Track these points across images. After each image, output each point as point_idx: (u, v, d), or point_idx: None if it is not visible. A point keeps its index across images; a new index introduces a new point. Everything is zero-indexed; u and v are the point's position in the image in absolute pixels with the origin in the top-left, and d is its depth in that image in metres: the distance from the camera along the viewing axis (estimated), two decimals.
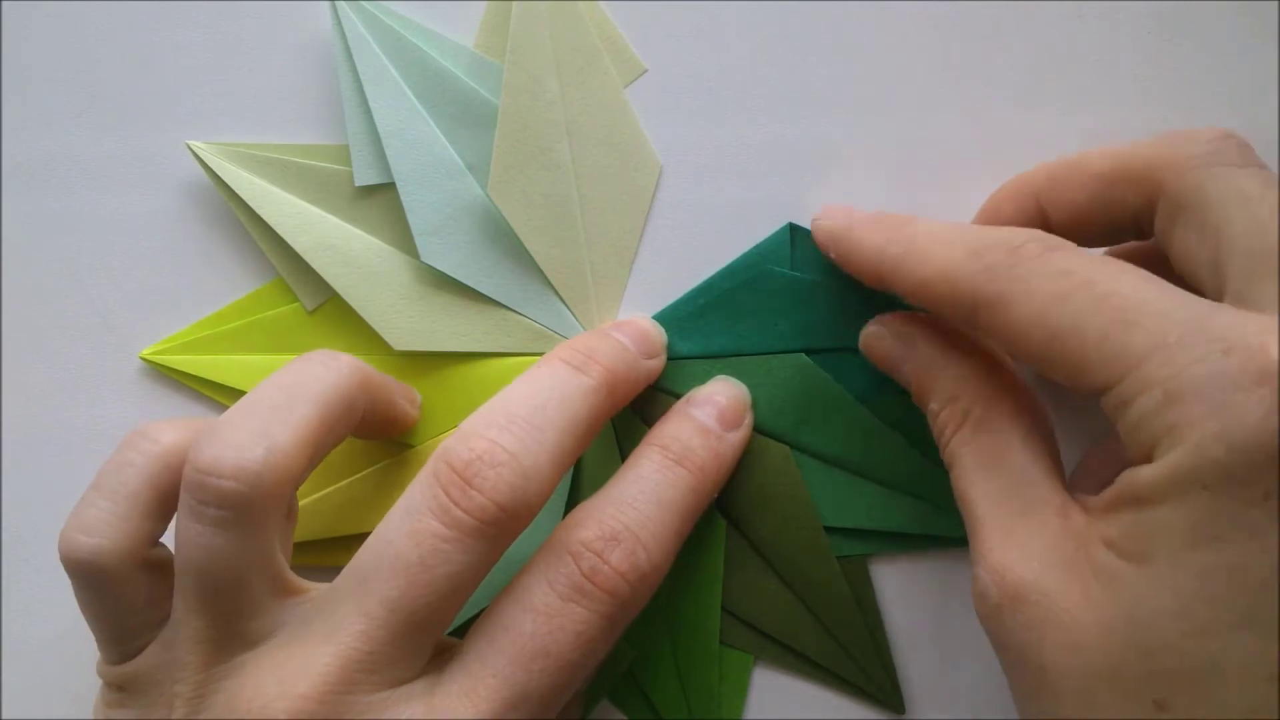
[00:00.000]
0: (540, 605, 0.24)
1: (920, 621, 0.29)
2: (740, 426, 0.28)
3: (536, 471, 0.24)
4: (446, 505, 0.23)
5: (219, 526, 0.23)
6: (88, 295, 0.31)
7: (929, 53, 0.30)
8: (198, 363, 0.31)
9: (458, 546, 0.23)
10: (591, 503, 0.26)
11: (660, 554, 0.25)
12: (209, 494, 0.23)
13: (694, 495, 0.27)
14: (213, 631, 0.24)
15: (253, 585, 0.24)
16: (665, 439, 0.27)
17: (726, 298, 0.29)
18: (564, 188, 0.30)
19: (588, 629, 0.24)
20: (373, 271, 0.30)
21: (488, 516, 0.23)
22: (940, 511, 0.29)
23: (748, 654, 0.30)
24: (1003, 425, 0.24)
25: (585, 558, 0.24)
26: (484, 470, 0.24)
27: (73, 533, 0.24)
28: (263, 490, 0.23)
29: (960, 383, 0.25)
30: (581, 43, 0.30)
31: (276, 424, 0.24)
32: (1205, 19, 0.29)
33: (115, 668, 0.26)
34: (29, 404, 0.32)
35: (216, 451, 0.23)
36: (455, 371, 0.30)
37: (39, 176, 0.32)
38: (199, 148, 0.30)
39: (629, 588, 0.25)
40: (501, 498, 0.23)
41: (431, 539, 0.23)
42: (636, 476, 0.26)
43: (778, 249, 0.29)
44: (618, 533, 0.25)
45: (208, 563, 0.24)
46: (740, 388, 0.29)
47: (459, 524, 0.23)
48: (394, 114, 0.30)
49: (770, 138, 0.30)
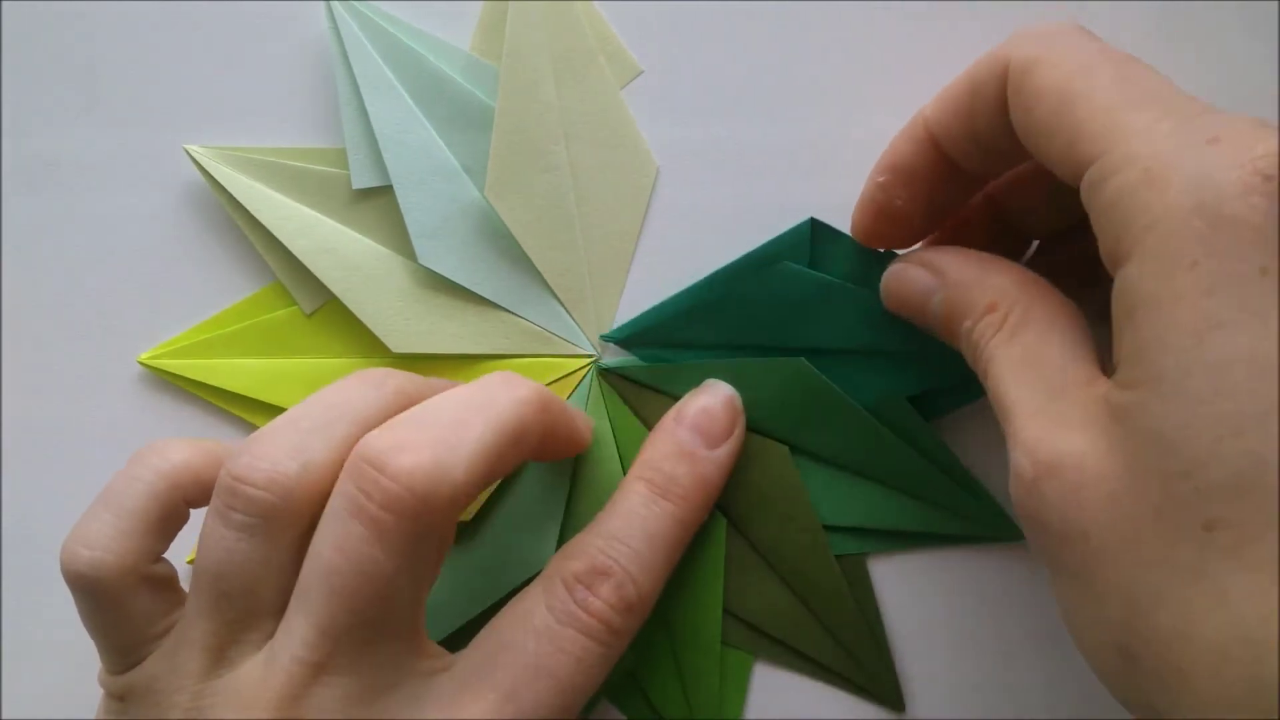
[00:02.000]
0: (542, 627, 0.25)
1: (920, 620, 0.29)
2: (729, 438, 0.29)
3: (454, 461, 0.23)
4: (362, 502, 0.23)
5: (244, 532, 0.24)
6: (87, 297, 0.32)
7: (928, 52, 0.30)
8: (196, 367, 0.31)
9: (381, 548, 0.22)
10: (584, 536, 0.27)
11: (649, 585, 0.26)
12: (238, 500, 0.23)
13: (680, 525, 0.27)
14: (217, 639, 0.24)
15: (263, 596, 0.24)
16: (650, 470, 0.28)
17: (741, 289, 0.29)
18: (561, 189, 0.30)
19: (587, 655, 0.25)
20: (371, 274, 0.30)
21: (401, 507, 0.22)
22: (939, 510, 0.29)
23: (748, 653, 0.30)
24: (1040, 325, 0.23)
25: (577, 590, 0.25)
26: (397, 456, 0.23)
27: (74, 545, 0.25)
28: (291, 502, 0.24)
29: (998, 292, 0.24)
30: (577, 44, 0.30)
31: (317, 440, 0.24)
32: (1205, 19, 0.29)
33: (116, 677, 0.26)
34: (29, 405, 0.32)
35: (253, 461, 0.24)
36: (453, 373, 0.30)
37: (39, 177, 0.32)
38: (197, 152, 0.30)
39: (619, 618, 0.25)
40: (415, 481, 0.23)
41: (356, 543, 0.23)
42: (626, 510, 0.27)
43: (798, 243, 0.29)
44: (607, 567, 0.26)
45: (224, 564, 0.24)
46: (728, 393, 0.29)
47: (376, 522, 0.23)
48: (391, 117, 0.30)
49: (767, 139, 0.30)
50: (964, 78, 0.24)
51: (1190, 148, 0.19)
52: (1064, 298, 0.24)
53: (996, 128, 0.24)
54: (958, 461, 0.29)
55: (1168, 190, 0.19)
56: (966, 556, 0.29)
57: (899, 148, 0.26)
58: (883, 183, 0.26)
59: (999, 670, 0.29)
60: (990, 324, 0.24)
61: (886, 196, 0.27)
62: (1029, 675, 0.29)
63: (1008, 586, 0.29)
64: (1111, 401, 0.20)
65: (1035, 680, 0.29)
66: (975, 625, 0.29)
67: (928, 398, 0.29)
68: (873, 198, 0.27)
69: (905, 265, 0.27)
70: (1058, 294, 0.24)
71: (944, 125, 0.25)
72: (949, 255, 0.26)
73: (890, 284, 0.27)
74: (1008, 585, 0.29)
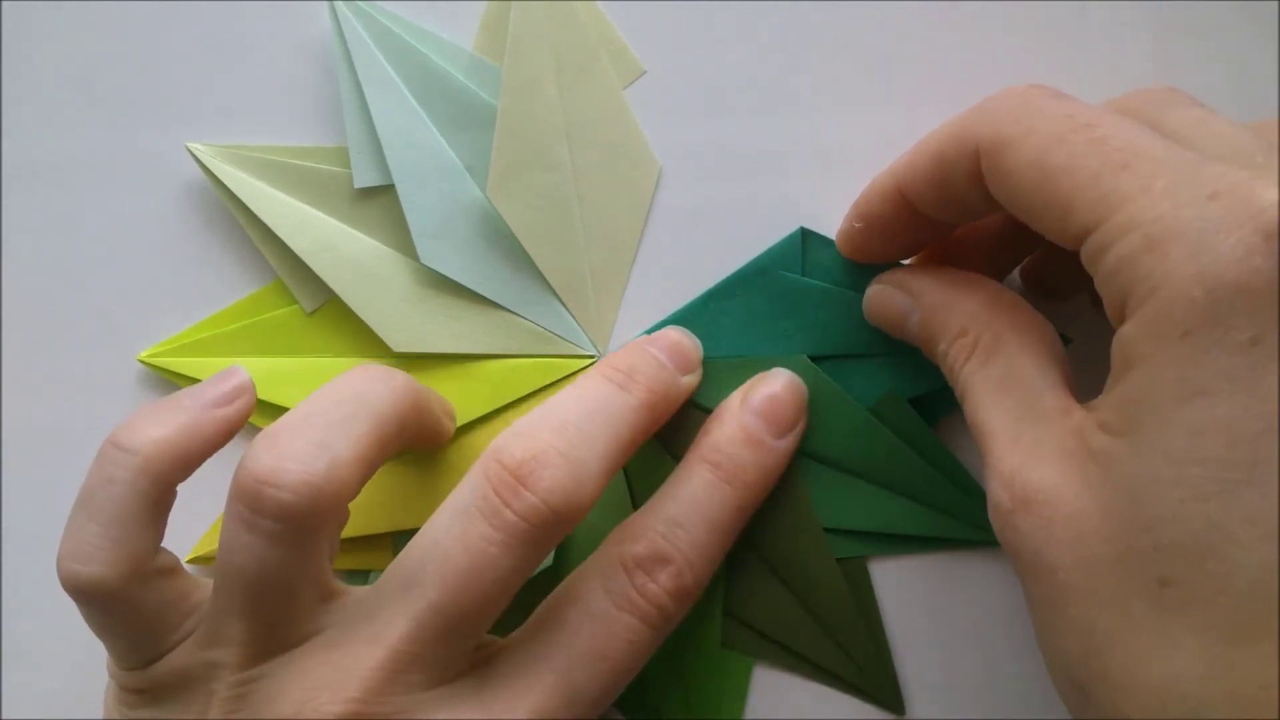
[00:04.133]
0: (598, 611, 0.25)
1: (920, 623, 0.29)
2: (794, 430, 0.28)
3: (589, 477, 0.24)
4: (497, 506, 0.23)
5: (273, 539, 0.23)
6: (87, 296, 0.32)
7: (929, 52, 0.30)
8: (196, 365, 0.31)
9: (505, 551, 0.23)
10: (643, 517, 0.26)
11: (706, 573, 0.26)
12: (265, 505, 0.23)
13: (740, 514, 0.27)
14: (254, 635, 0.24)
15: (301, 595, 0.24)
16: (718, 454, 0.27)
17: (736, 301, 0.29)
18: (563, 189, 0.30)
19: (640, 638, 0.25)
20: (372, 274, 0.30)
21: (538, 519, 0.23)
22: (940, 513, 0.29)
23: (748, 655, 0.30)
24: (1011, 349, 0.23)
25: (637, 575, 0.25)
26: (538, 470, 0.23)
27: (69, 563, 0.24)
28: (322, 505, 0.23)
29: (969, 317, 0.24)
30: (580, 44, 0.30)
31: (339, 438, 0.24)
32: (1205, 19, 0.29)
33: (136, 673, 0.25)
34: (29, 404, 0.32)
35: (275, 462, 0.23)
36: (455, 373, 0.30)
37: (39, 176, 0.32)
38: (198, 150, 0.30)
39: (674, 605, 0.25)
40: (555, 499, 0.23)
41: (480, 542, 0.23)
42: (689, 495, 0.26)
43: (789, 253, 0.29)
44: (668, 554, 0.25)
45: (258, 573, 0.23)
46: (795, 382, 0.28)
47: (508, 527, 0.23)
48: (393, 116, 0.30)
49: (769, 139, 0.30)
50: (932, 151, 0.24)
51: (1189, 206, 0.19)
52: (1037, 316, 0.24)
53: (973, 194, 0.24)
54: (959, 464, 0.29)
55: (1168, 256, 0.19)
56: (967, 560, 0.29)
57: (871, 201, 0.26)
58: (859, 228, 0.27)
59: (998, 673, 0.29)
60: (962, 348, 0.24)
61: (864, 239, 0.27)
62: (1028, 678, 0.29)
63: (1008, 590, 0.29)
64: (1091, 444, 0.20)
65: (1034, 684, 0.29)
66: (975, 629, 0.29)
67: (928, 400, 0.29)
68: (850, 237, 0.27)
69: (882, 288, 0.27)
70: (1031, 313, 0.24)
71: (916, 191, 0.25)
72: (924, 277, 0.26)
73: (870, 304, 0.28)
74: (1008, 589, 0.29)
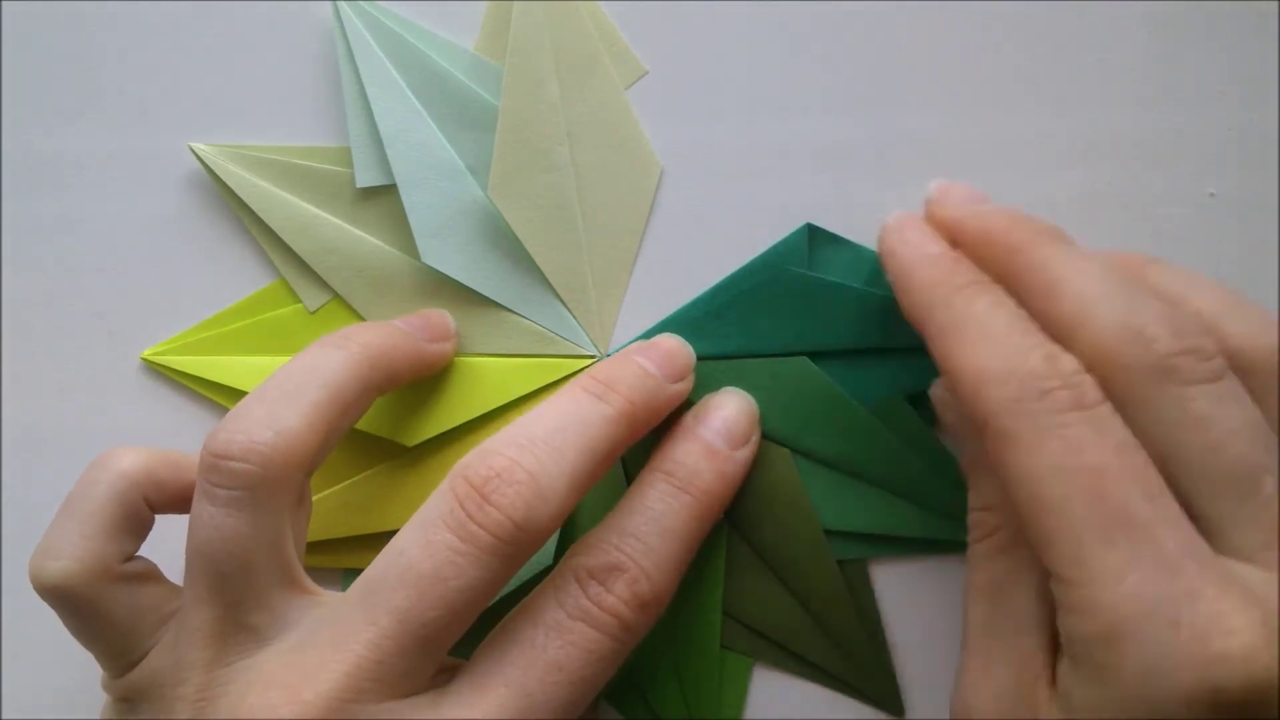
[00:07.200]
0: (551, 621, 0.25)
1: (920, 625, 0.29)
2: (749, 442, 0.28)
3: (554, 492, 0.24)
4: (462, 519, 0.23)
5: (230, 507, 0.24)
6: (88, 295, 0.32)
7: (929, 53, 0.30)
8: (199, 364, 0.31)
9: (471, 561, 0.23)
10: (598, 531, 0.26)
11: (664, 582, 0.26)
12: (221, 475, 0.24)
13: (698, 521, 0.27)
14: (220, 624, 0.24)
15: (262, 571, 0.24)
16: (671, 464, 0.27)
17: (743, 298, 0.29)
18: (564, 190, 0.30)
19: (598, 648, 0.25)
20: (374, 273, 0.30)
21: (503, 533, 0.23)
22: (940, 516, 0.29)
23: (747, 656, 0.30)
24: (1019, 561, 0.24)
25: (590, 585, 0.25)
26: (501, 487, 0.24)
27: (40, 559, 0.25)
28: (274, 470, 0.24)
29: (1000, 494, 0.25)
30: (582, 44, 0.30)
31: (285, 408, 0.25)
32: (1205, 19, 0.29)
33: (119, 681, 0.26)
34: (29, 404, 0.32)
35: (229, 436, 0.24)
36: (455, 372, 0.30)
37: (39, 176, 0.32)
38: (201, 149, 0.30)
39: (634, 614, 0.25)
40: (518, 515, 0.24)
41: (446, 551, 0.23)
42: (642, 506, 0.27)
43: (795, 249, 0.29)
44: (622, 563, 0.25)
45: (218, 545, 0.24)
46: (749, 400, 0.29)
47: (474, 539, 0.23)
48: (395, 116, 0.30)
49: (771, 140, 0.30)
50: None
51: (1151, 622, 0.20)
52: None
53: None
54: (958, 465, 0.29)
55: (1122, 666, 0.20)
56: None
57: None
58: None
59: None
60: (984, 522, 0.25)
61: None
62: None
63: None
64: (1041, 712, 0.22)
65: None
66: None
67: (928, 400, 0.29)
68: None
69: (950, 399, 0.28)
70: None
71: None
72: None
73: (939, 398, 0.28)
74: None
